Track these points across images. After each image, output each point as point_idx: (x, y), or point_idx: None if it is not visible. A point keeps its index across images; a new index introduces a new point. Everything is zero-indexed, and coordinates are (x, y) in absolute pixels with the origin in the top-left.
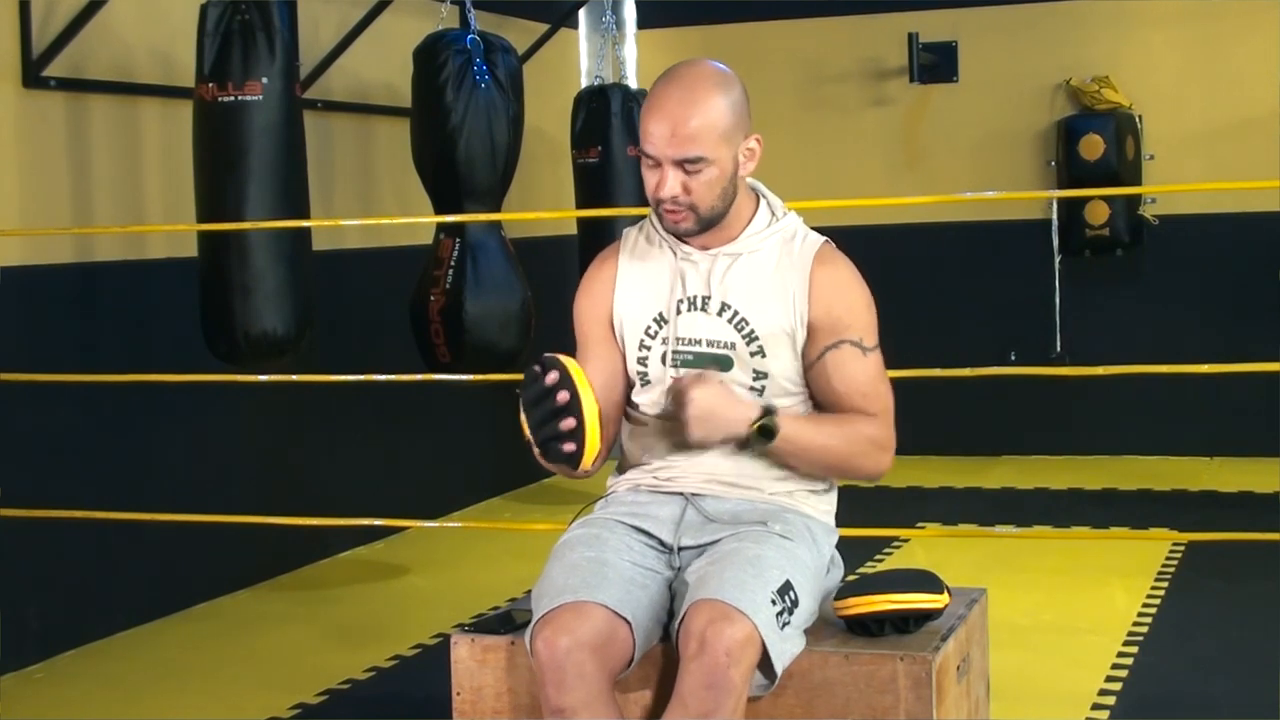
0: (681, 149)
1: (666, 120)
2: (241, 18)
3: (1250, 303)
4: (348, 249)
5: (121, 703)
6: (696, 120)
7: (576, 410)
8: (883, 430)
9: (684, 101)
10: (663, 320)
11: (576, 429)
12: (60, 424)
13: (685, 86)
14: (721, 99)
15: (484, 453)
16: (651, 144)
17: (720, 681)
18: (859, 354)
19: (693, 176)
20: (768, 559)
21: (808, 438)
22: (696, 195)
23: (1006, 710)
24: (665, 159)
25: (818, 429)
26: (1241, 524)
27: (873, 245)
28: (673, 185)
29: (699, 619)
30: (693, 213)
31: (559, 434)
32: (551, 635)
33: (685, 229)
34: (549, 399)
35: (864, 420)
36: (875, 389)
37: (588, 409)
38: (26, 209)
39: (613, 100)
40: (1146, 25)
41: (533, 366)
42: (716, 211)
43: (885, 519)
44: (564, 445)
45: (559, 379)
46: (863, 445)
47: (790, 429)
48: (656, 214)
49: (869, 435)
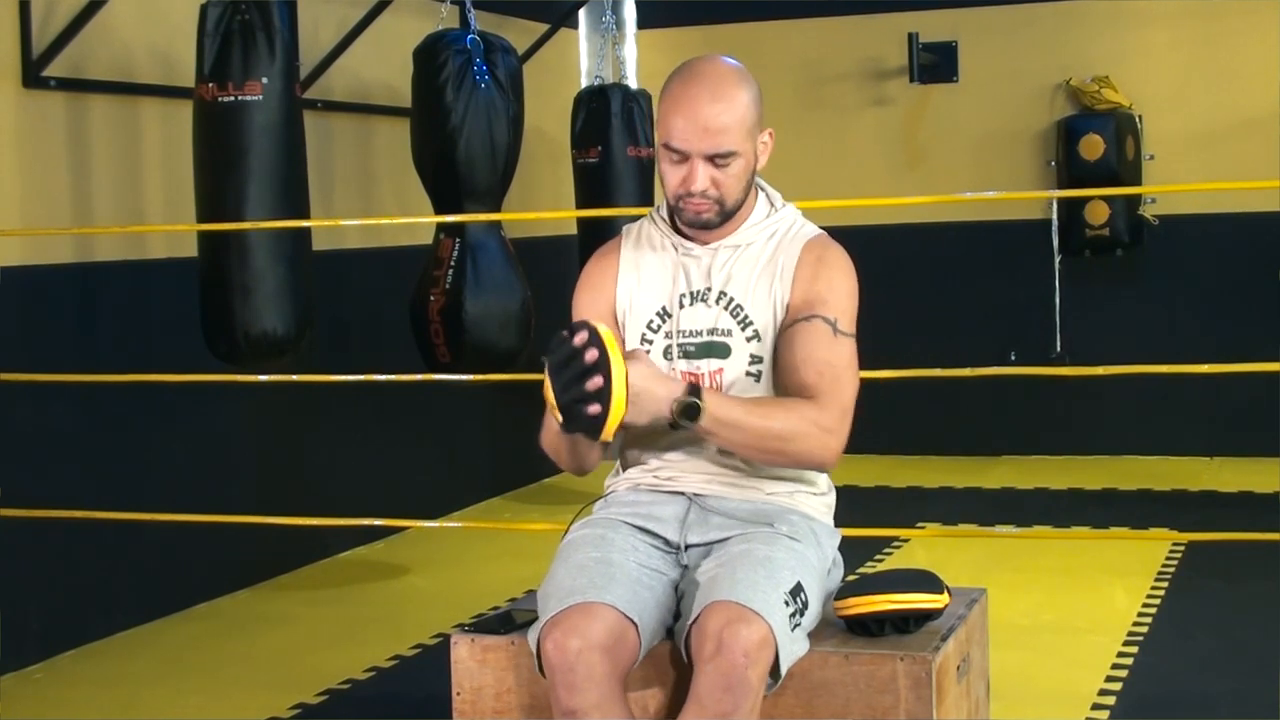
0: (714, 144)
1: (698, 116)
2: (241, 18)
3: (1250, 303)
4: (348, 249)
5: (121, 703)
6: (728, 116)
7: (605, 368)
8: (828, 416)
9: (714, 98)
10: (666, 314)
11: (604, 389)
12: (60, 424)
13: (712, 83)
14: (746, 94)
15: (484, 453)
16: (681, 139)
17: (738, 683)
18: (828, 331)
19: (721, 170)
20: (779, 560)
21: (739, 416)
22: (724, 188)
23: (1006, 710)
24: (697, 153)
25: (753, 407)
26: (1241, 524)
27: (873, 245)
28: (703, 179)
29: (715, 620)
30: (719, 205)
31: (585, 395)
32: (561, 637)
33: (708, 220)
34: (577, 359)
35: (808, 404)
36: (835, 370)
37: (616, 369)
38: (26, 209)
39: (613, 100)
40: (1146, 25)
41: (561, 331)
42: (738, 202)
43: (885, 519)
44: (589, 407)
45: (588, 338)
46: (804, 426)
47: (720, 409)
48: (677, 208)
49: (812, 417)
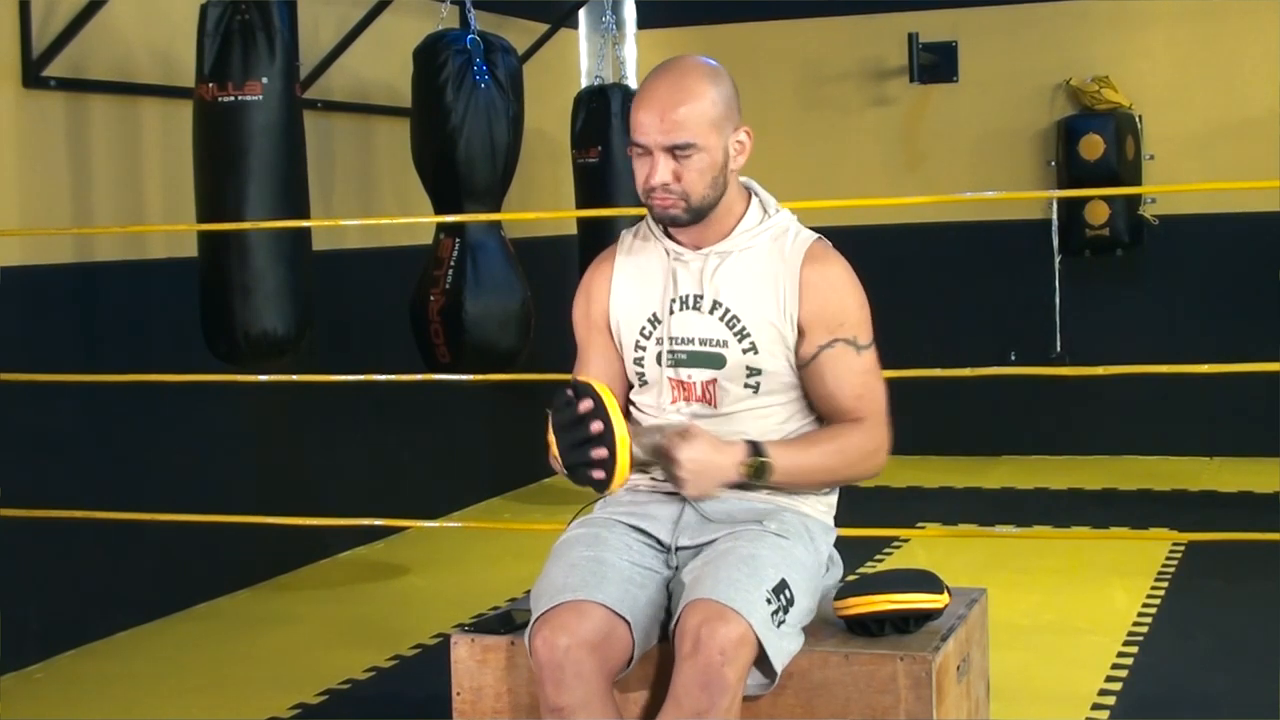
0: (671, 135)
1: (656, 108)
2: (241, 18)
3: (1250, 303)
4: (348, 249)
5: (121, 703)
6: (686, 106)
7: (609, 441)
8: (875, 434)
9: (673, 89)
10: (656, 320)
11: (608, 459)
12: (60, 424)
13: (674, 76)
14: (710, 88)
15: (484, 453)
16: (642, 132)
17: (714, 681)
18: (853, 352)
19: (683, 163)
20: (762, 558)
21: (800, 463)
22: (687, 183)
23: (1006, 710)
24: (656, 146)
25: (809, 451)
26: (1241, 524)
27: (873, 245)
28: (663, 172)
29: (693, 618)
30: (684, 200)
31: (590, 461)
32: (550, 634)
33: (675, 217)
34: (581, 427)
35: (855, 429)
36: (869, 389)
37: (619, 439)
38: (26, 209)
39: (613, 100)
40: (1146, 25)
41: (565, 390)
42: (708, 201)
43: (885, 519)
44: (594, 473)
45: (593, 408)
46: (856, 456)
47: (783, 461)
48: (647, 204)
49: (859, 445)
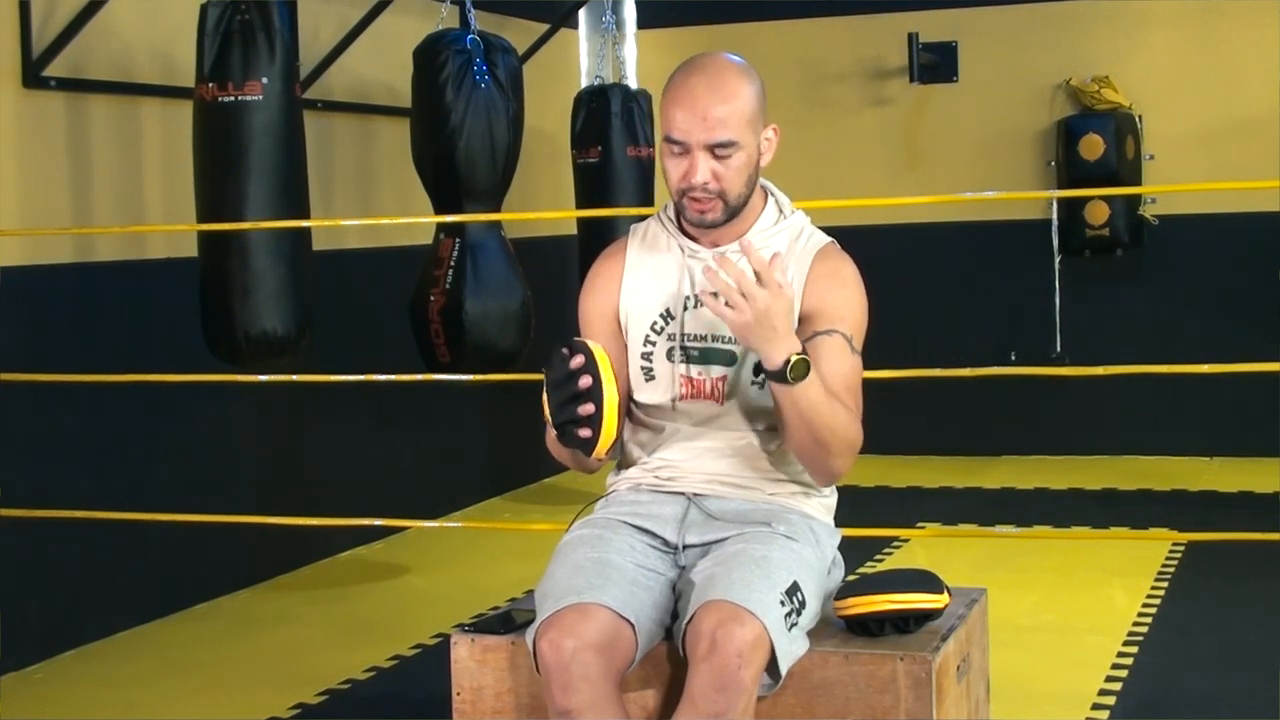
0: (714, 133)
1: (697, 106)
2: (241, 18)
3: (1250, 303)
4: (348, 249)
5: (122, 703)
6: (728, 105)
7: (597, 397)
8: (858, 432)
9: (713, 87)
10: (669, 316)
11: (595, 415)
12: (60, 424)
13: (712, 74)
14: (747, 86)
15: (484, 453)
16: (681, 130)
17: (731, 683)
18: (847, 348)
19: (722, 162)
20: (775, 560)
21: (823, 398)
22: (726, 181)
23: (1006, 710)
24: (696, 144)
25: (831, 399)
26: (1241, 524)
27: (873, 245)
28: (704, 171)
29: (709, 620)
30: (721, 200)
31: (577, 418)
32: (557, 637)
33: (712, 220)
34: (572, 382)
35: (853, 417)
36: (856, 389)
37: (608, 397)
38: (26, 209)
39: (613, 100)
40: (1146, 25)
41: (560, 348)
42: (742, 199)
43: (885, 519)
44: (580, 430)
45: (584, 364)
46: (844, 436)
47: (816, 383)
48: (679, 205)
49: (851, 430)
